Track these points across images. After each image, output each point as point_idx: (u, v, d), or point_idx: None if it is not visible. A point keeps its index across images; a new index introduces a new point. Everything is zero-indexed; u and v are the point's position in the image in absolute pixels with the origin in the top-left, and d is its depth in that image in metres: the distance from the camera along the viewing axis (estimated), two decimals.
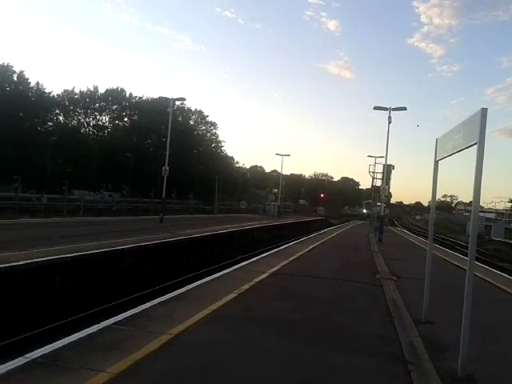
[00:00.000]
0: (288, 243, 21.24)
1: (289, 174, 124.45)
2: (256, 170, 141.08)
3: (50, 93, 73.52)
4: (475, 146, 4.90)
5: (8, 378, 4.13)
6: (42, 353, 4.78)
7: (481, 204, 5.45)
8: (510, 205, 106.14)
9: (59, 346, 5.03)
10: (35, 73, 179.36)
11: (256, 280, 9.92)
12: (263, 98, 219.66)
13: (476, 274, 6.34)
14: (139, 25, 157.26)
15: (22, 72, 66.43)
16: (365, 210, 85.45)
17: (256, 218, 41.50)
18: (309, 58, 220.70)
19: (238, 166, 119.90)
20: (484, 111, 4.77)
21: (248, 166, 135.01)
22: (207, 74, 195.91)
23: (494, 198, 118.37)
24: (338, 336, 6.26)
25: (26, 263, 9.70)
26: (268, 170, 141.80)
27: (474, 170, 4.86)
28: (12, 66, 65.12)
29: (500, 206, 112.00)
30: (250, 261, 13.56)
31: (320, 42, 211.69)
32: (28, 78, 67.64)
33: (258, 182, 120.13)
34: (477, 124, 4.83)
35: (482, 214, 73.66)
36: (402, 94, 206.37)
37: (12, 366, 4.37)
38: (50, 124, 74.05)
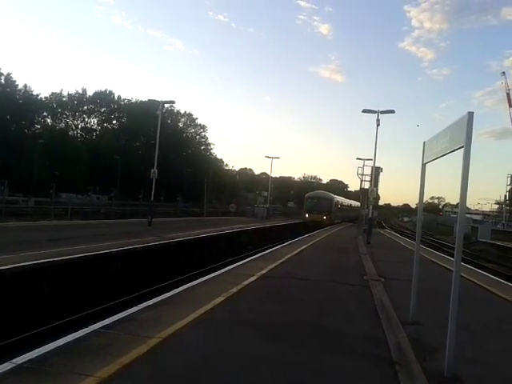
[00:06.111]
0: (276, 246, 21.19)
1: (278, 176, 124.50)
2: (245, 173, 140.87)
3: (37, 95, 73.24)
4: (462, 149, 4.95)
5: None
6: (29, 357, 4.73)
7: (467, 205, 5.54)
8: (496, 206, 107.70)
9: (47, 350, 4.99)
10: (23, 75, 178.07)
11: (244, 283, 9.90)
12: (254, 101, 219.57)
13: (462, 274, 6.41)
14: (131, 28, 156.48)
15: (9, 74, 66.17)
16: (307, 215, 50.15)
17: (245, 220, 41.45)
18: (300, 61, 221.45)
19: (227, 168, 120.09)
20: (471, 115, 4.81)
21: (237, 169, 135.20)
22: (199, 78, 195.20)
23: (480, 199, 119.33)
24: (327, 338, 6.29)
25: (13, 267, 9.63)
26: (257, 172, 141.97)
27: (461, 173, 4.91)
28: None
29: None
30: (238, 264, 13.52)
31: (312, 46, 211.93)
32: (16, 81, 67.45)
33: (248, 185, 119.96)
34: (463, 128, 4.87)
35: (468, 216, 74.39)
36: (392, 98, 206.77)
37: None
38: (38, 126, 73.59)
